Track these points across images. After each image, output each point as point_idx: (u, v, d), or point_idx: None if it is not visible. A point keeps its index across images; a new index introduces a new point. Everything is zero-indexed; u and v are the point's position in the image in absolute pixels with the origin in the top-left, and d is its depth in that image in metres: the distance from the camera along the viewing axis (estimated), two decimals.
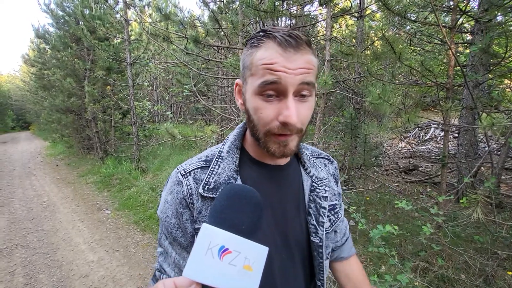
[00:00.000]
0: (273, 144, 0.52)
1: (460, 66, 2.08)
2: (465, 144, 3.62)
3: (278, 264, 0.57)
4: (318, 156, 0.73)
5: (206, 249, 0.37)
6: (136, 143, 6.66)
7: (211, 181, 0.56)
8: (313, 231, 0.61)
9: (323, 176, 0.66)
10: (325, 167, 0.71)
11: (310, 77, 0.49)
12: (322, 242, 0.61)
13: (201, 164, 0.59)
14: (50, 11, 7.45)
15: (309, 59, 0.49)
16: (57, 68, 7.62)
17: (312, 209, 0.62)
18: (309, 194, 0.63)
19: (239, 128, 0.64)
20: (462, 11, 2.88)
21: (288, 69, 0.47)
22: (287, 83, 0.47)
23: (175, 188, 0.57)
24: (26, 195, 5.24)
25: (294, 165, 0.65)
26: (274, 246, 0.57)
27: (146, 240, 3.38)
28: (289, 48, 0.47)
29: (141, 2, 6.41)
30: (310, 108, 0.52)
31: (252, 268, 0.38)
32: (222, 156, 0.59)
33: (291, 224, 0.60)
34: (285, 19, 5.63)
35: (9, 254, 3.10)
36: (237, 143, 0.61)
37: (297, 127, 0.49)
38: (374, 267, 2.49)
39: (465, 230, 2.86)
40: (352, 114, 3.35)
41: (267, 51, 0.48)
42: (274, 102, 0.49)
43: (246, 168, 0.60)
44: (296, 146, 0.53)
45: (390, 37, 1.89)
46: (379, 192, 3.96)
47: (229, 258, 0.37)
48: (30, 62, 11.06)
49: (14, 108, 27.54)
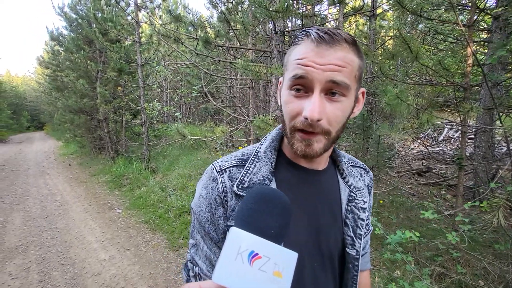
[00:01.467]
0: (297, 141, 0.51)
1: (480, 65, 2.01)
2: (482, 145, 3.50)
3: (309, 272, 0.56)
4: (355, 165, 0.70)
5: (236, 254, 0.35)
6: (146, 143, 6.75)
7: (246, 180, 0.55)
8: (350, 243, 0.59)
9: (360, 186, 0.64)
10: (361, 177, 0.69)
11: (341, 76, 0.47)
12: (359, 255, 0.59)
13: (237, 163, 0.59)
14: (64, 14, 7.64)
15: (343, 56, 0.47)
16: (71, 70, 7.81)
17: (349, 220, 0.60)
18: (346, 204, 0.61)
19: (277, 129, 0.63)
20: (479, 9, 2.79)
21: (316, 64, 0.46)
22: (313, 78, 0.47)
23: (210, 183, 0.57)
24: (40, 194, 5.37)
25: (331, 172, 0.63)
26: (307, 253, 0.55)
27: (156, 239, 3.41)
28: (322, 43, 0.47)
29: (152, 4, 6.49)
30: (341, 109, 0.49)
31: (282, 275, 0.36)
32: (259, 156, 0.59)
33: (326, 232, 0.58)
34: (295, 19, 5.59)
35: (24, 251, 3.17)
36: (275, 144, 0.60)
37: (323, 126, 0.48)
38: (388, 271, 2.43)
39: (483, 235, 2.76)
40: (364, 115, 3.29)
41: (302, 48, 0.49)
42: (302, 97, 0.49)
43: (282, 170, 0.59)
44: (322, 149, 0.51)
45: (407, 36, 1.83)
46: (392, 195, 3.87)
47: (259, 264, 0.36)
48: (44, 64, 11.36)
49: (29, 109, 28.43)
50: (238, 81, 6.71)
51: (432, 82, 3.31)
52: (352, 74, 0.49)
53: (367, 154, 3.70)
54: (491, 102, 2.79)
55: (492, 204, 1.57)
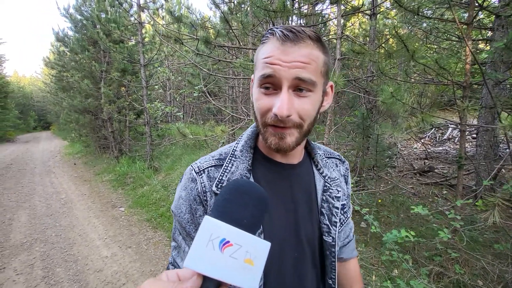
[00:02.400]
0: (270, 135, 0.52)
1: (478, 64, 2.00)
2: (484, 145, 3.46)
3: (290, 262, 0.58)
4: (330, 156, 0.73)
5: (207, 241, 0.36)
6: (149, 143, 6.82)
7: (224, 179, 0.57)
8: (326, 231, 0.62)
9: (335, 176, 0.67)
10: (336, 168, 0.71)
11: (306, 72, 0.48)
12: (335, 242, 0.62)
13: (215, 163, 0.60)
14: (69, 15, 7.76)
15: (308, 53, 0.48)
16: (75, 70, 7.92)
17: (325, 209, 0.62)
18: (322, 194, 0.63)
19: (252, 127, 0.65)
20: (480, 6, 2.77)
21: (282, 62, 0.48)
22: (281, 76, 0.48)
23: (189, 184, 0.58)
24: (45, 192, 5.48)
25: (306, 164, 0.66)
26: (287, 244, 0.58)
27: (157, 237, 3.45)
28: (287, 41, 0.48)
29: (155, 5, 6.55)
30: (310, 103, 0.51)
31: (253, 263, 0.38)
32: (236, 155, 0.60)
33: (303, 223, 0.60)
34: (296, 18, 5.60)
35: (29, 247, 3.25)
36: (251, 142, 0.62)
37: (294, 120, 0.50)
38: (386, 270, 2.43)
39: (483, 234, 2.74)
40: (364, 114, 3.28)
41: (269, 47, 0.50)
42: (272, 94, 0.51)
43: (259, 167, 0.61)
44: (295, 143, 0.52)
45: (403, 35, 1.83)
46: (392, 194, 3.86)
47: (230, 251, 0.37)
48: (50, 64, 11.53)
49: (36, 109, 28.88)
50: (239, 81, 6.74)
51: (434, 81, 3.29)
52: (318, 70, 0.50)
53: (367, 153, 3.69)
54: (492, 101, 2.77)
55: (488, 202, 1.57)
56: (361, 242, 2.92)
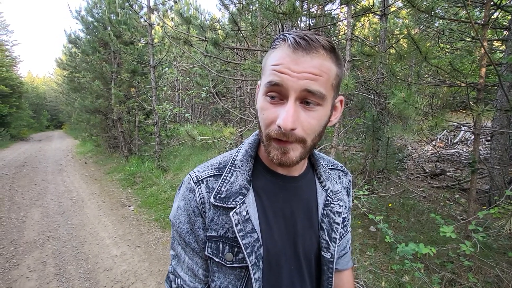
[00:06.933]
0: (273, 149, 0.50)
1: (494, 65, 1.94)
2: (498, 148, 3.36)
3: (286, 274, 0.58)
4: (333, 167, 0.71)
5: None
6: (158, 143, 6.90)
7: (223, 190, 0.55)
8: (325, 246, 0.60)
9: (337, 190, 0.65)
10: (339, 180, 0.70)
11: (317, 85, 0.45)
12: (333, 258, 0.60)
13: (214, 172, 0.59)
14: (80, 17, 7.92)
15: (320, 64, 0.45)
16: (87, 71, 8.09)
17: (325, 224, 0.61)
18: (323, 208, 0.62)
19: (254, 136, 0.62)
20: (496, 5, 2.68)
21: (292, 72, 0.45)
22: (288, 86, 0.45)
23: (187, 195, 0.57)
24: (58, 190, 5.61)
25: (309, 176, 0.64)
26: (284, 255, 0.57)
27: (166, 237, 3.49)
28: (299, 49, 0.45)
29: (164, 7, 6.62)
30: (317, 118, 0.48)
31: None
32: (236, 165, 0.58)
33: (302, 236, 0.59)
34: (305, 19, 5.56)
35: (42, 245, 3.33)
36: (252, 151, 0.60)
37: (297, 135, 0.47)
38: (396, 276, 2.38)
39: (498, 241, 2.66)
40: (374, 116, 3.23)
41: (279, 53, 0.47)
42: (277, 104, 0.48)
43: (259, 177, 0.59)
44: (298, 158, 0.50)
45: (415, 36, 1.79)
46: (402, 198, 3.79)
47: None
48: (62, 65, 11.80)
49: (49, 108, 29.66)
50: (248, 82, 6.74)
51: (446, 83, 3.21)
52: (329, 83, 0.47)
53: (377, 156, 3.63)
54: (507, 104, 2.68)
55: (504, 211, 1.52)
56: (370, 246, 2.88)
